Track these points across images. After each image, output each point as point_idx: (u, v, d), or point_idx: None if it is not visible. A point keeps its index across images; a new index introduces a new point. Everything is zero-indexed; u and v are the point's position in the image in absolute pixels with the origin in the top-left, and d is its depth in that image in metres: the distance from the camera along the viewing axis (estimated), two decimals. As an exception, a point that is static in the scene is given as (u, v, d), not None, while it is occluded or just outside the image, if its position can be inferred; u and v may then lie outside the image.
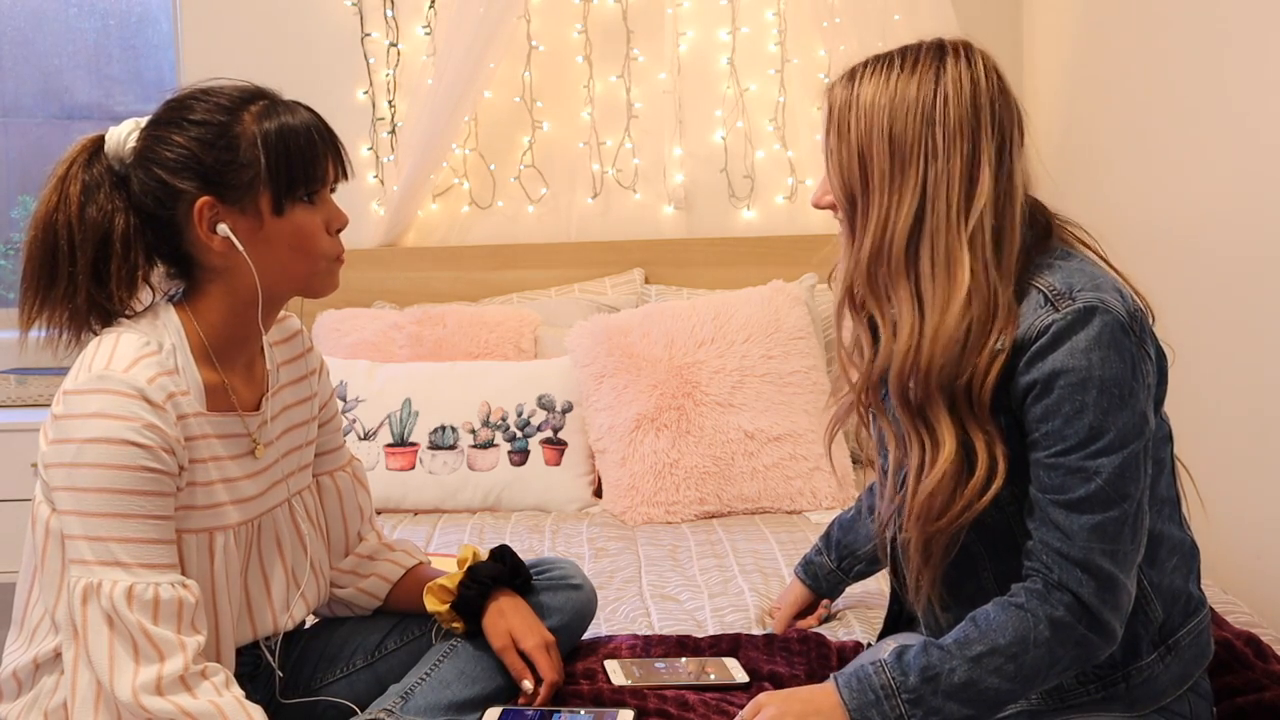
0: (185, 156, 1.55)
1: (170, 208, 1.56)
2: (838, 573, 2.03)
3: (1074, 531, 1.44)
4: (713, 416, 2.86)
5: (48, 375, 3.42)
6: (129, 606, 1.45)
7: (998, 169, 1.50)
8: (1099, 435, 1.44)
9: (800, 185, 3.55)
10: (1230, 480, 2.44)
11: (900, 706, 1.45)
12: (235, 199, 1.55)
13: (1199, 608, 1.60)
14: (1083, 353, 1.44)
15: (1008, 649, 1.45)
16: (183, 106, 1.58)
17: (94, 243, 1.57)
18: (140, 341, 1.54)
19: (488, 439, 2.92)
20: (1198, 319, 2.52)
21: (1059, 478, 1.45)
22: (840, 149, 1.54)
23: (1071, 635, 1.45)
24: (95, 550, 1.47)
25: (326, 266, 1.61)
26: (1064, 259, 1.53)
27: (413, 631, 1.84)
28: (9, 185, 3.82)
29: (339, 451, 1.86)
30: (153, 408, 1.49)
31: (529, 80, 3.49)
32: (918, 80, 1.50)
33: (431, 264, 3.47)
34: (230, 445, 1.62)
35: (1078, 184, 2.95)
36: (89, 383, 1.50)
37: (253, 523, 1.66)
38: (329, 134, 1.60)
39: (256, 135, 1.55)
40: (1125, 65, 2.94)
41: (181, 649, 1.46)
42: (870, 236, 1.51)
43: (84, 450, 1.47)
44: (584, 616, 1.92)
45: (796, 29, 3.50)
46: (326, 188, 1.61)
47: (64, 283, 1.57)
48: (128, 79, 3.80)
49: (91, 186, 1.58)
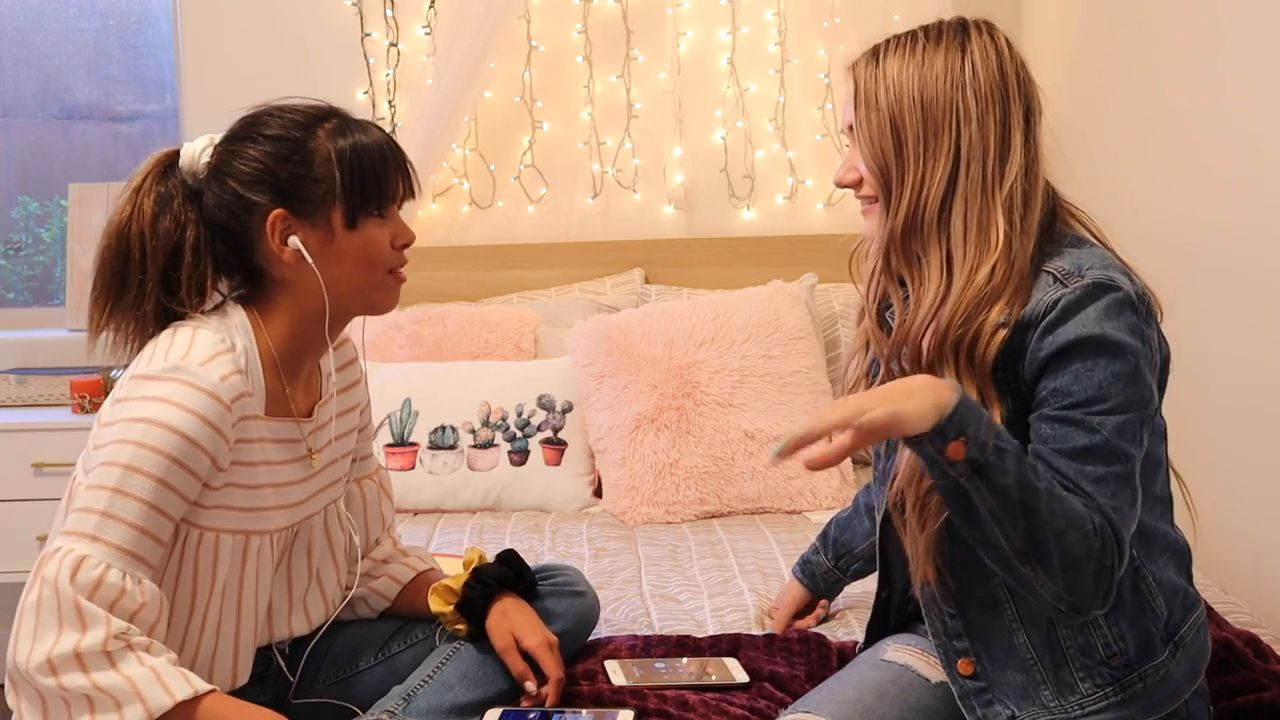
0: (260, 170, 1.59)
1: (243, 220, 1.60)
2: (835, 572, 2.03)
3: (1079, 479, 1.44)
4: (713, 416, 2.86)
5: (48, 375, 3.42)
6: (72, 577, 1.44)
7: (1026, 135, 1.53)
8: (1106, 396, 1.44)
9: (800, 185, 3.55)
10: (1230, 480, 2.44)
11: (994, 440, 1.39)
12: (308, 213, 1.59)
13: (1195, 603, 1.60)
14: (1094, 321, 1.45)
15: (1070, 516, 1.40)
16: (258, 122, 1.62)
17: (165, 253, 1.61)
18: (216, 338, 1.57)
19: (488, 439, 2.92)
20: (1197, 318, 2.52)
21: (1061, 429, 1.45)
22: (870, 119, 1.54)
23: (1102, 562, 1.42)
24: (79, 520, 1.47)
25: (383, 279, 1.64)
26: (1075, 245, 1.54)
27: (418, 634, 1.85)
28: (9, 185, 3.82)
29: (367, 460, 1.88)
30: (219, 406, 1.51)
31: (529, 80, 3.49)
32: (944, 50, 1.53)
33: (431, 264, 3.47)
34: (285, 451, 1.65)
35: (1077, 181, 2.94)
36: (162, 370, 1.52)
37: (292, 529, 1.67)
38: (399, 152, 1.66)
39: (331, 151, 1.59)
40: (1126, 64, 2.94)
41: (106, 623, 1.43)
42: (905, 203, 1.53)
43: (130, 428, 1.49)
44: (587, 624, 1.92)
45: (796, 29, 3.50)
46: (395, 204, 1.65)
47: (134, 290, 1.61)
48: (128, 79, 3.80)
49: (165, 198, 1.63)
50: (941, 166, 1.50)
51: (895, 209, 1.54)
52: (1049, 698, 1.53)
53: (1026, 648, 1.54)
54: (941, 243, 1.52)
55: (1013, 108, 1.53)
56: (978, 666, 1.56)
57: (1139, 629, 1.52)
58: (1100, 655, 1.52)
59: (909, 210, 1.52)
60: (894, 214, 1.54)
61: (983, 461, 1.39)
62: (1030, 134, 1.54)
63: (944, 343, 1.50)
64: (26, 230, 3.86)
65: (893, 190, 1.54)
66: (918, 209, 1.52)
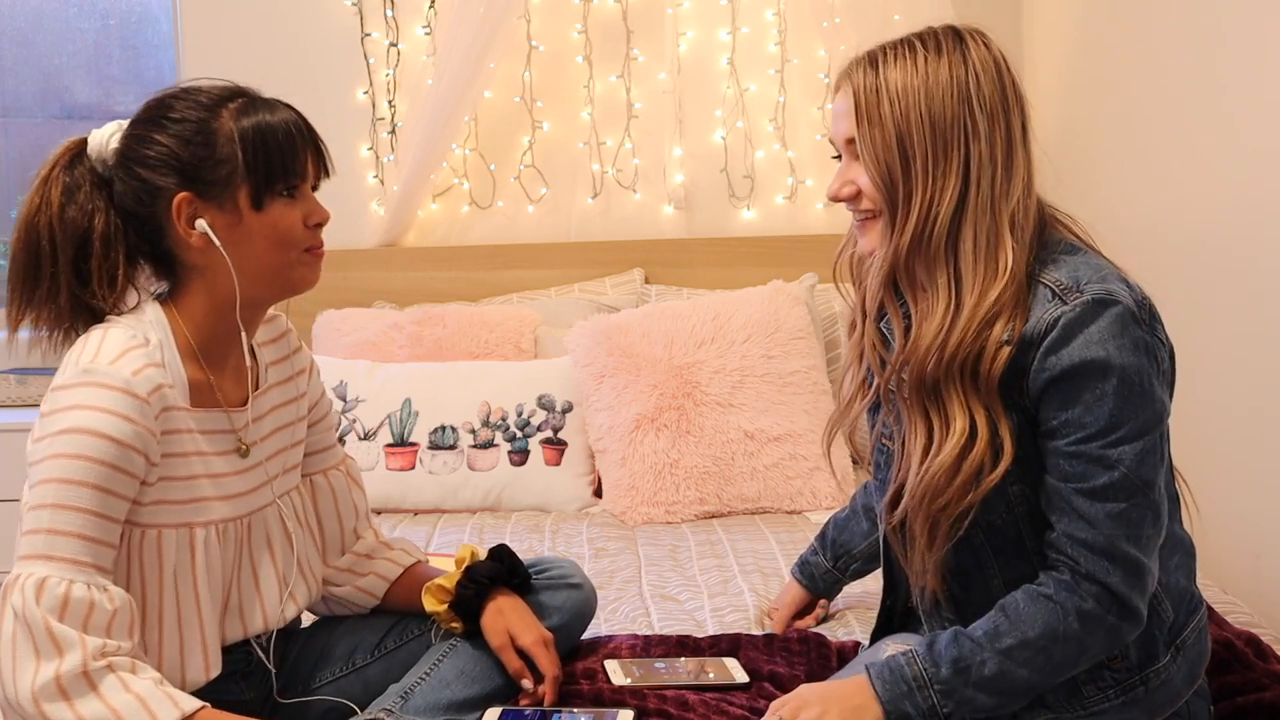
0: (164, 154, 1.57)
1: (151, 205, 1.58)
2: (834, 572, 2.03)
3: (1098, 520, 1.44)
4: (713, 416, 2.85)
5: (48, 375, 3.41)
6: (37, 600, 1.43)
7: (1025, 149, 1.51)
8: (1119, 424, 1.43)
9: (800, 185, 3.55)
10: (1230, 480, 2.44)
11: (932, 697, 1.46)
12: (214, 195, 1.57)
13: (1198, 605, 1.61)
14: (1098, 343, 1.43)
15: (1037, 641, 1.45)
16: (163, 105, 1.60)
17: (74, 242, 1.59)
18: (127, 335, 1.55)
19: (488, 439, 2.92)
20: (1197, 318, 2.52)
21: (1080, 466, 1.45)
22: (875, 136, 1.50)
23: (1101, 625, 1.45)
24: (30, 543, 1.46)
25: (299, 256, 1.61)
26: (1068, 253, 1.52)
27: (412, 631, 1.84)
28: (9, 185, 3.82)
29: (331, 450, 1.86)
30: (135, 400, 1.49)
31: (529, 80, 3.49)
32: (947, 62, 1.48)
33: (431, 264, 3.47)
34: (216, 442, 1.63)
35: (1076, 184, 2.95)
36: (74, 377, 1.51)
37: (242, 520, 1.66)
38: (309, 131, 1.62)
39: (234, 131, 1.56)
40: (1125, 66, 2.94)
41: (81, 645, 1.42)
42: (913, 222, 1.49)
43: (55, 442, 1.48)
44: (583, 616, 1.91)
45: (796, 29, 3.50)
46: (306, 184, 1.62)
47: (46, 283, 1.59)
48: (128, 79, 3.80)
49: (72, 187, 1.60)
50: (951, 185, 1.47)
51: (902, 228, 1.50)
52: (1051, 699, 1.53)
53: None
54: (949, 263, 1.49)
55: (1014, 120, 1.50)
56: None
57: (1144, 634, 1.52)
58: (1104, 659, 1.52)
59: (917, 229, 1.49)
60: (900, 232, 1.50)
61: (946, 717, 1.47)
62: (1028, 145, 1.52)
63: (951, 364, 1.48)
64: (26, 230, 3.85)
65: (899, 208, 1.50)
66: (926, 228, 1.48)
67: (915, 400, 1.52)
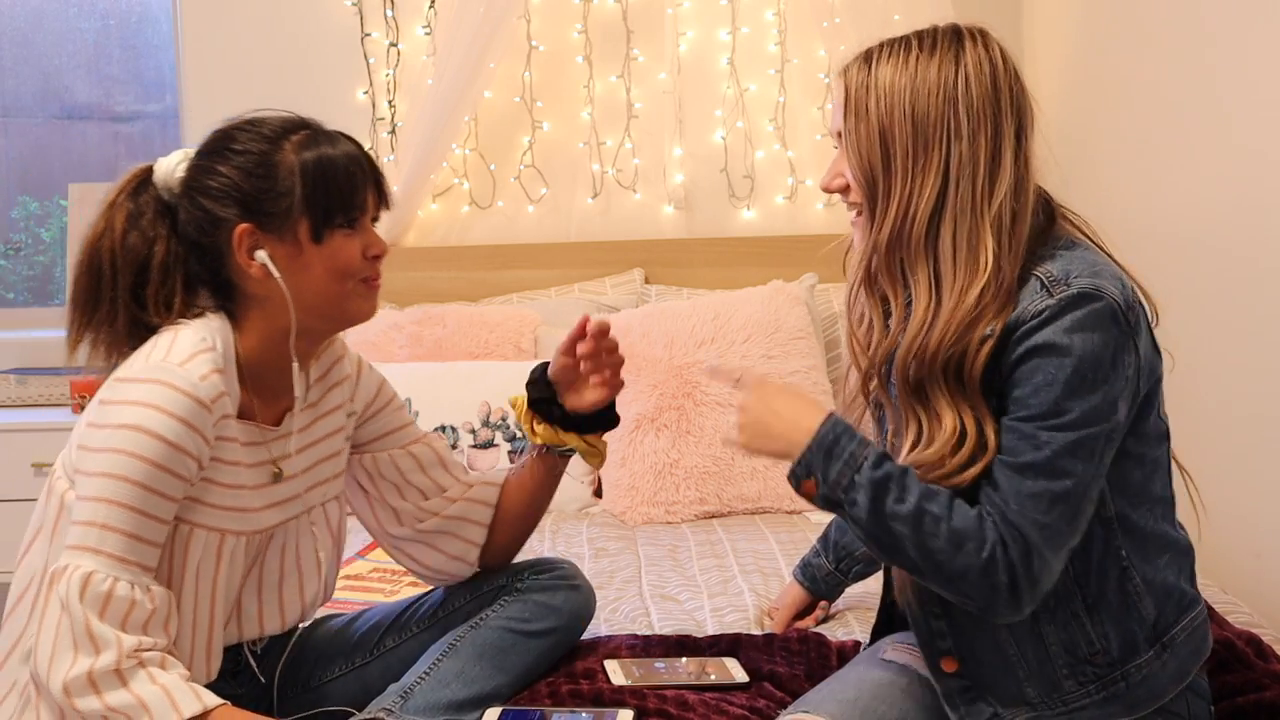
0: (227, 185, 1.60)
1: (212, 235, 1.61)
2: (836, 574, 2.03)
3: (1011, 494, 1.44)
4: (713, 416, 2.86)
5: (48, 375, 3.42)
6: (81, 595, 1.46)
7: (1017, 152, 1.50)
8: (1061, 411, 1.43)
9: (800, 185, 3.55)
10: (1230, 480, 2.44)
11: (846, 478, 1.47)
12: (274, 226, 1.59)
13: (1193, 604, 1.59)
14: (1065, 331, 1.44)
15: (949, 534, 1.44)
16: (227, 137, 1.63)
17: (133, 268, 1.62)
18: (198, 337, 1.57)
19: (488, 439, 2.92)
20: (1197, 318, 2.52)
21: (1012, 440, 1.46)
22: (859, 130, 1.52)
23: (990, 578, 1.44)
24: (81, 534, 1.49)
25: (355, 287, 1.64)
26: (1067, 248, 1.52)
27: (411, 629, 1.85)
28: (9, 185, 3.82)
29: (402, 431, 1.88)
30: (198, 406, 1.52)
31: (529, 80, 3.49)
32: (938, 62, 1.49)
33: (431, 264, 3.47)
34: (251, 454, 1.65)
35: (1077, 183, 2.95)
36: (143, 371, 1.54)
37: (266, 533, 1.67)
38: (370, 164, 1.65)
39: (295, 164, 1.59)
40: (1126, 65, 2.94)
41: (117, 645, 1.46)
42: (891, 218, 1.50)
43: (114, 435, 1.50)
44: (582, 617, 1.92)
45: (796, 29, 3.50)
46: (366, 216, 1.65)
47: (106, 305, 1.63)
48: (128, 79, 3.80)
49: (136, 214, 1.64)
50: (930, 183, 1.48)
51: (880, 222, 1.52)
52: (1032, 694, 1.53)
53: (1010, 645, 1.54)
54: (929, 261, 1.50)
55: (1005, 123, 1.50)
56: (961, 665, 1.56)
57: (1122, 628, 1.52)
58: (1084, 653, 1.52)
59: (894, 225, 1.50)
60: (878, 227, 1.52)
61: (835, 499, 1.48)
62: (1021, 150, 1.51)
63: (933, 364, 1.48)
64: (26, 230, 3.86)
65: (878, 203, 1.52)
66: (904, 225, 1.50)
67: (904, 399, 1.52)
